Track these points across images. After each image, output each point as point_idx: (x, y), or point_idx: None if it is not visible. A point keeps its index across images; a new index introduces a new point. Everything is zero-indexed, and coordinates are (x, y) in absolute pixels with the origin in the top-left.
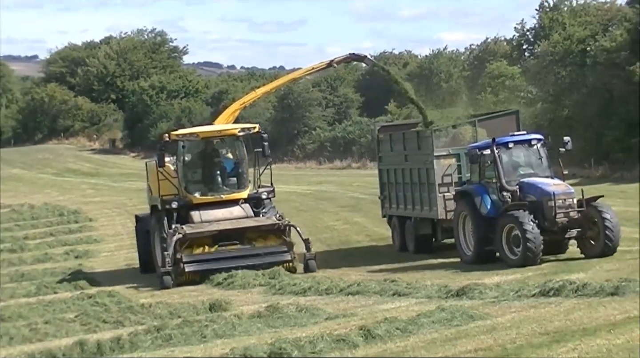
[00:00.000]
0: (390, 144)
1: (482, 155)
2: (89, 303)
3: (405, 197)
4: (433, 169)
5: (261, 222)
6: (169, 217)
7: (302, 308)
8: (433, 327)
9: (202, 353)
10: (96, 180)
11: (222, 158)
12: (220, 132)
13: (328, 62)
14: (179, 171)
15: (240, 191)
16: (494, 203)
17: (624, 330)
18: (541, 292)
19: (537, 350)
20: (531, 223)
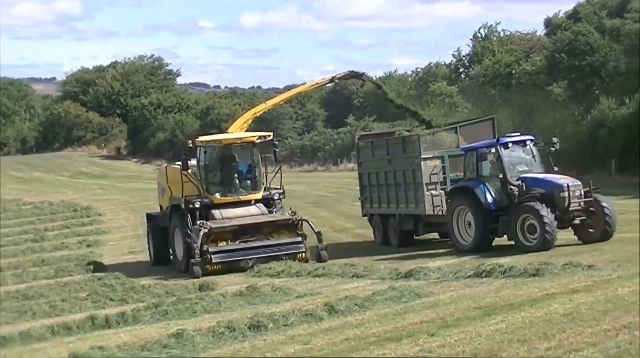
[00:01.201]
0: (371, 150)
1: (489, 153)
2: (98, 284)
3: (388, 196)
4: (420, 170)
5: (277, 218)
6: (192, 215)
7: (277, 288)
8: (385, 303)
9: (193, 326)
10: (104, 182)
11: (238, 162)
12: (241, 139)
13: (330, 78)
14: (200, 174)
15: (256, 192)
16: (494, 197)
17: (543, 304)
18: (475, 274)
19: (472, 322)
20: (548, 213)
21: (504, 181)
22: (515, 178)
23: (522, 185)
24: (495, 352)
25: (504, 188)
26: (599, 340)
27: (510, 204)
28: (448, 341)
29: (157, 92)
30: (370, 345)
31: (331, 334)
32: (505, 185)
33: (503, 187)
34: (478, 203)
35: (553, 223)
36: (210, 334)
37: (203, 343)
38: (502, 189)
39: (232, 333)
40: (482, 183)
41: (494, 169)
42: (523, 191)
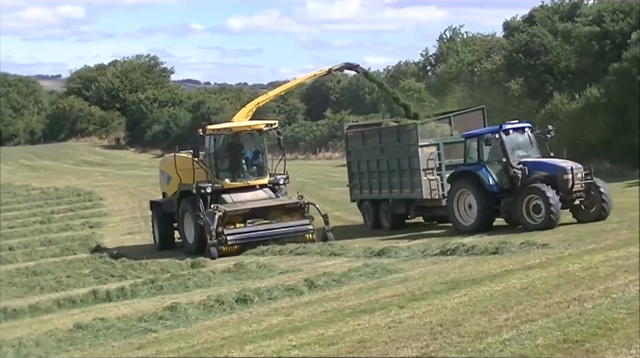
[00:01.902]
0: (362, 139)
1: (491, 139)
2: (100, 262)
3: (380, 183)
4: (417, 156)
5: (286, 201)
6: (204, 200)
7: (261, 265)
8: (360, 279)
9: (186, 300)
10: (105, 169)
11: (245, 149)
12: (250, 127)
13: (327, 69)
14: (210, 161)
15: (263, 177)
16: (495, 180)
17: (502, 280)
18: (441, 252)
19: (438, 296)
20: (553, 194)
21: (506, 165)
22: (516, 162)
23: (524, 168)
24: (459, 322)
25: (505, 172)
26: (552, 311)
27: (513, 187)
28: (417, 313)
29: (152, 88)
30: (346, 317)
31: (311, 307)
32: (508, 168)
33: (505, 171)
34: (481, 186)
35: (557, 204)
36: (202, 307)
37: (195, 315)
38: (503, 173)
39: (221, 306)
40: (484, 167)
41: (495, 154)
42: (526, 174)
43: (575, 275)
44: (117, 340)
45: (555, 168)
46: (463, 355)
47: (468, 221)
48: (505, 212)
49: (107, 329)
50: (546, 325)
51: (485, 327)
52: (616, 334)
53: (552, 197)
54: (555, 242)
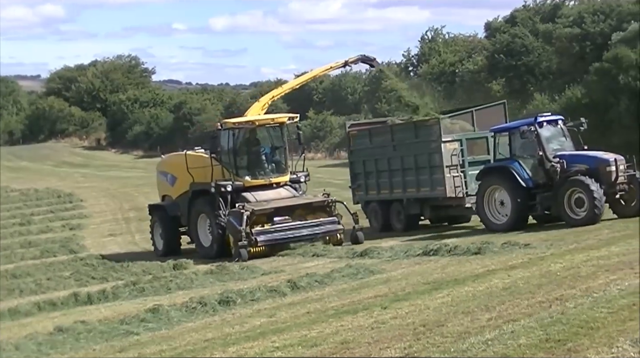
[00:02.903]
0: (368, 137)
1: (525, 133)
2: (80, 264)
3: (391, 182)
4: (440, 152)
5: (313, 200)
6: (224, 200)
7: (244, 267)
8: (343, 280)
9: (168, 302)
10: (85, 170)
11: (263, 145)
12: (273, 119)
13: (343, 62)
14: (229, 157)
15: (284, 175)
16: (529, 175)
17: (485, 280)
18: (424, 252)
19: (421, 296)
20: (597, 187)
21: (541, 159)
22: (552, 156)
23: (562, 161)
24: (442, 322)
25: (541, 166)
26: (534, 311)
27: (550, 181)
28: (399, 313)
29: (134, 88)
30: (329, 318)
31: (294, 308)
32: (544, 162)
33: (540, 165)
34: (515, 182)
35: (602, 197)
36: (184, 309)
37: (177, 317)
38: (538, 167)
39: (204, 308)
40: (517, 162)
41: (528, 147)
42: (564, 168)
43: (557, 275)
44: (99, 343)
45: (597, 160)
46: (446, 355)
47: (500, 219)
48: (543, 207)
49: (88, 332)
50: (528, 325)
51: (468, 327)
52: (597, 333)
53: (596, 191)
54: (537, 242)
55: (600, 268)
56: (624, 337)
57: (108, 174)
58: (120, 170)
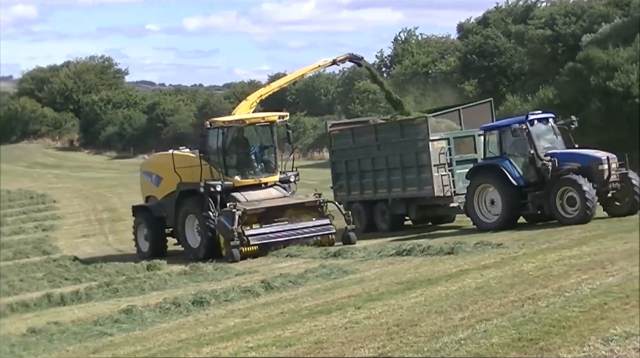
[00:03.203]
0: (351, 137)
1: (516, 131)
2: (54, 265)
3: (376, 182)
4: (428, 151)
5: (305, 200)
6: (213, 200)
7: (218, 268)
8: (317, 280)
9: (141, 302)
10: (58, 171)
11: (252, 145)
12: (264, 118)
13: (332, 60)
14: (218, 156)
15: (274, 174)
16: (520, 173)
17: (458, 279)
18: (397, 253)
19: (394, 296)
20: (588, 185)
21: (532, 157)
22: (543, 154)
23: (554, 160)
24: (416, 322)
25: (532, 164)
26: (507, 310)
27: (541, 180)
28: (373, 313)
29: (107, 89)
30: (303, 318)
31: (268, 308)
32: (535, 161)
33: (531, 163)
34: (505, 180)
35: (594, 196)
36: (158, 309)
37: (151, 318)
38: (529, 165)
39: (178, 309)
40: (508, 160)
41: (518, 146)
42: (556, 166)
43: (529, 275)
44: (72, 344)
45: (590, 158)
46: (419, 355)
47: (491, 218)
48: (535, 206)
49: (61, 333)
50: (501, 324)
51: (441, 326)
52: (569, 332)
53: (588, 189)
54: (510, 242)
55: (572, 268)
56: (595, 336)
57: (81, 174)
58: (94, 171)
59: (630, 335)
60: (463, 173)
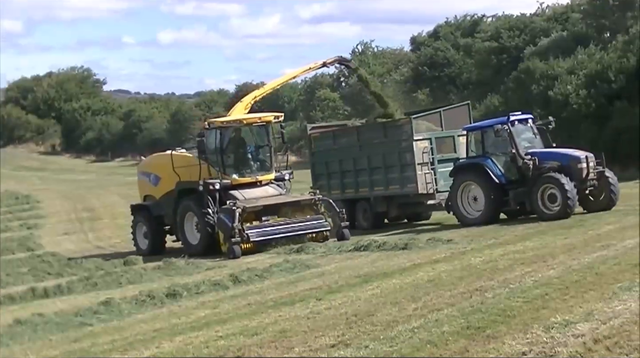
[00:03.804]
0: (332, 139)
1: (498, 131)
2: (38, 261)
3: (357, 181)
4: (412, 151)
5: (300, 198)
6: (212, 198)
7: (189, 263)
8: (281, 274)
9: (119, 295)
10: (42, 174)
11: (248, 144)
12: (260, 118)
13: (322, 63)
14: (216, 156)
15: (270, 173)
16: (502, 171)
17: (411, 273)
18: (355, 248)
19: (353, 288)
20: (569, 183)
21: (514, 156)
22: (524, 153)
23: (534, 159)
24: (372, 312)
25: (513, 163)
26: (457, 301)
27: (522, 178)
28: (333, 304)
29: (86, 97)
30: (269, 309)
31: (235, 300)
32: (516, 159)
33: (513, 162)
34: (488, 178)
35: (574, 192)
36: (134, 302)
37: (128, 309)
38: (511, 163)
39: (152, 301)
40: (490, 159)
41: (499, 145)
42: (536, 165)
43: (477, 268)
44: (55, 334)
45: (569, 157)
46: (376, 343)
47: (473, 214)
48: (516, 202)
49: (45, 324)
50: (451, 314)
51: (396, 316)
52: (514, 320)
53: (568, 187)
54: (459, 238)
55: (516, 262)
56: (537, 324)
57: (63, 177)
58: (74, 174)
59: (569, 323)
60: (444, 171)
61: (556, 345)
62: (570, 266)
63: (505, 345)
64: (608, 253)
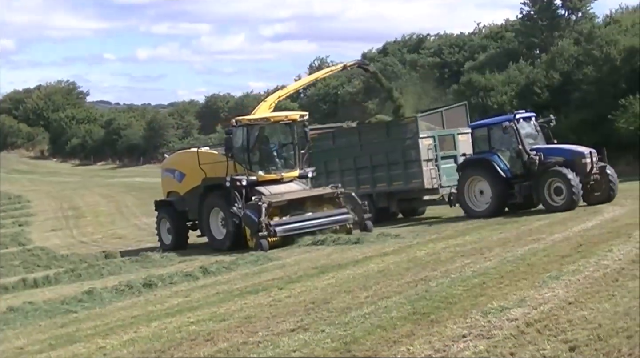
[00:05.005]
0: (331, 139)
1: (504, 128)
2: (28, 254)
3: (358, 179)
4: (418, 148)
5: (323, 192)
6: (240, 194)
7: (164, 256)
8: (246, 266)
9: (100, 285)
10: (31, 176)
11: (273, 142)
12: (287, 117)
13: (342, 65)
14: (242, 153)
15: (294, 170)
16: (507, 166)
17: (363, 264)
18: (312, 242)
19: (311, 278)
20: (574, 176)
21: (520, 151)
22: (529, 149)
23: (540, 154)
24: (328, 300)
25: (519, 158)
26: (404, 289)
27: (527, 172)
28: (293, 293)
29: (71, 108)
30: (235, 297)
31: (205, 289)
32: (522, 155)
33: (518, 157)
34: (494, 172)
35: (579, 186)
36: (114, 291)
37: (108, 298)
38: (516, 159)
39: (131, 290)
40: (496, 155)
41: (505, 141)
42: (542, 160)
43: (421, 260)
44: (44, 320)
45: (573, 153)
46: (332, 327)
47: (480, 207)
48: (522, 195)
49: (34, 311)
50: (399, 301)
51: (349, 303)
52: (455, 307)
53: (574, 181)
54: (406, 233)
55: (456, 254)
56: (476, 310)
57: (50, 179)
58: (61, 176)
59: (504, 309)
60: (446, 168)
61: (493, 329)
62: (505, 258)
63: (447, 328)
64: (538, 246)
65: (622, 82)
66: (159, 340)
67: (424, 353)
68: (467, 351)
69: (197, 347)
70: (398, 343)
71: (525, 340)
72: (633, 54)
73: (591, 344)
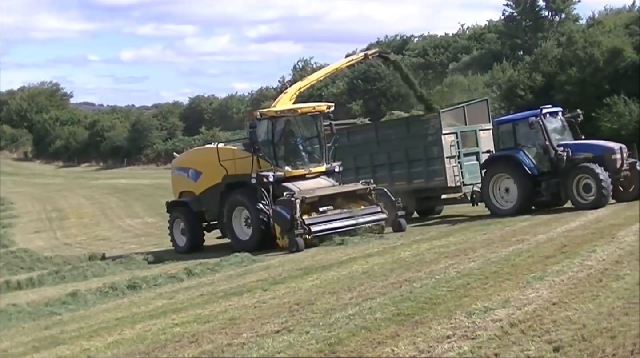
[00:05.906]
0: (345, 136)
1: (530, 124)
2: (11, 256)
3: (374, 177)
4: (441, 144)
5: (355, 187)
6: (267, 191)
7: (146, 258)
8: (230, 267)
9: (85, 287)
10: (15, 178)
11: (298, 135)
12: (314, 108)
13: (363, 55)
14: (268, 147)
15: (321, 164)
16: (533, 163)
17: (347, 265)
18: None
19: (295, 280)
20: (603, 173)
21: (546, 147)
22: (556, 144)
23: (567, 150)
24: (313, 301)
25: (545, 154)
26: (388, 290)
27: (555, 169)
28: (277, 294)
29: (55, 109)
30: (219, 299)
31: (190, 291)
32: (549, 151)
33: (545, 153)
34: (520, 169)
35: (608, 182)
36: (98, 293)
37: (93, 300)
38: (543, 155)
39: (115, 292)
40: (522, 151)
41: (530, 137)
42: (570, 156)
43: (406, 261)
44: (27, 322)
45: (603, 149)
46: (316, 328)
47: (506, 205)
48: (549, 193)
49: (18, 313)
50: (383, 302)
51: (333, 304)
52: (439, 308)
53: (603, 177)
54: (390, 234)
55: (441, 255)
56: (460, 310)
57: (34, 181)
58: (44, 178)
59: (488, 309)
60: (468, 165)
61: (477, 329)
62: (489, 258)
63: (431, 329)
64: (522, 246)
65: (605, 83)
66: (143, 342)
67: (408, 354)
68: (452, 352)
69: (181, 349)
70: (382, 344)
71: (509, 341)
72: (616, 55)
73: (575, 344)
